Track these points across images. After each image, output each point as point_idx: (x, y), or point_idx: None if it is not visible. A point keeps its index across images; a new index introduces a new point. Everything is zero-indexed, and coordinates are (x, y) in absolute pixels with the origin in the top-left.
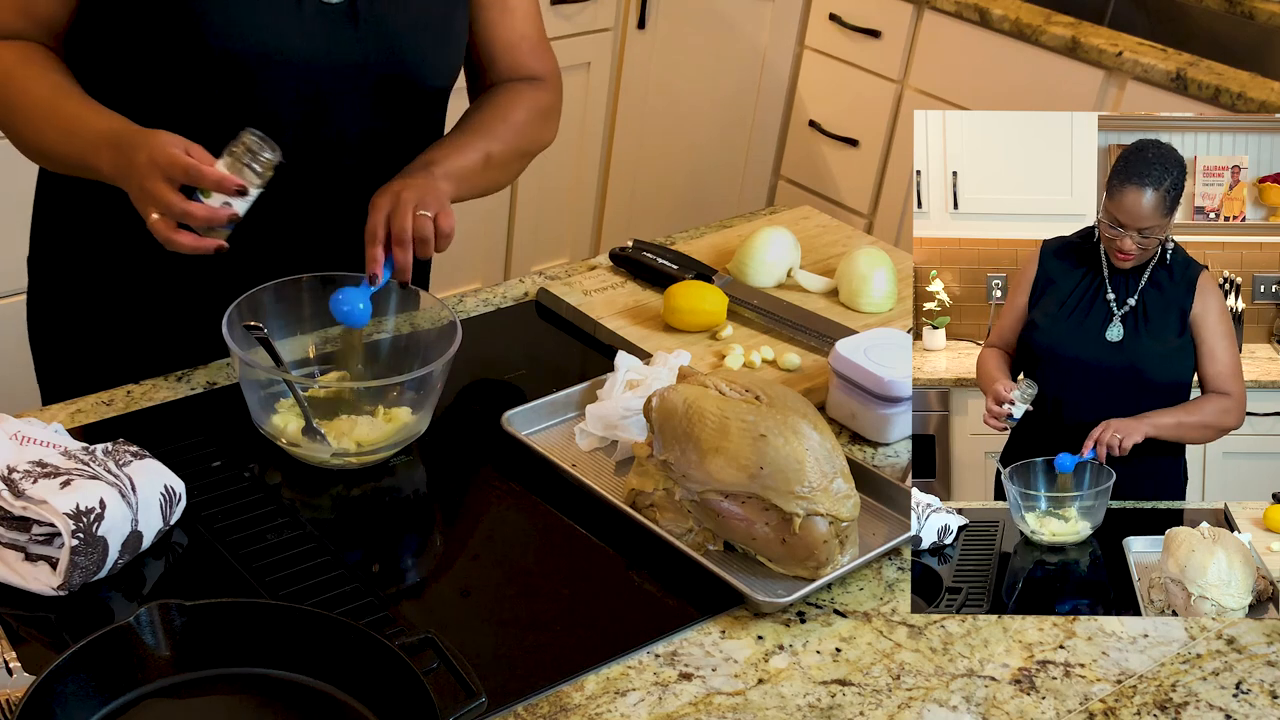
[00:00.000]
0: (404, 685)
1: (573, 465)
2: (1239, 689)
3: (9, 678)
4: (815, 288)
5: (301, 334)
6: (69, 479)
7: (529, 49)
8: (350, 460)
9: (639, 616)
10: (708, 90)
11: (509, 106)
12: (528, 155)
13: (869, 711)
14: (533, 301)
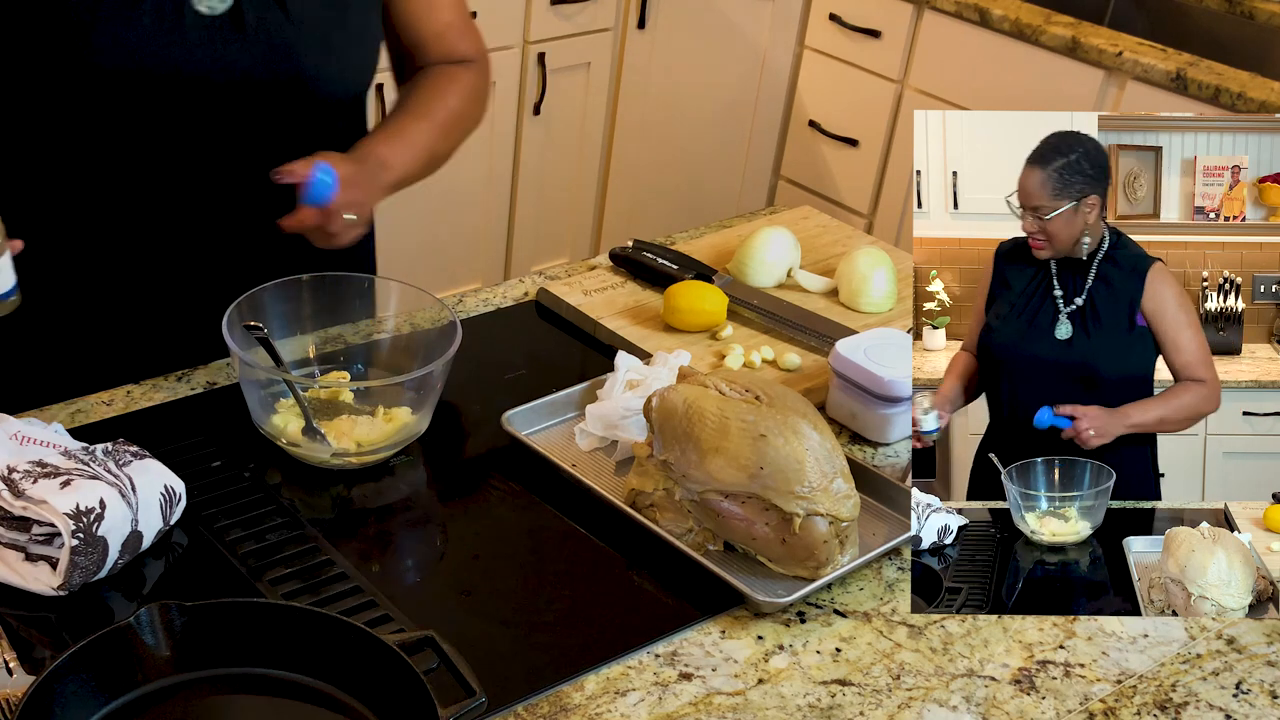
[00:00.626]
0: (404, 685)
1: (573, 465)
2: (1239, 689)
3: (9, 678)
4: (815, 288)
5: (301, 334)
6: (69, 479)
7: (457, 35)
8: (350, 460)
9: (639, 616)
10: (708, 90)
11: (445, 89)
12: (459, 141)
13: (869, 711)
14: (533, 301)
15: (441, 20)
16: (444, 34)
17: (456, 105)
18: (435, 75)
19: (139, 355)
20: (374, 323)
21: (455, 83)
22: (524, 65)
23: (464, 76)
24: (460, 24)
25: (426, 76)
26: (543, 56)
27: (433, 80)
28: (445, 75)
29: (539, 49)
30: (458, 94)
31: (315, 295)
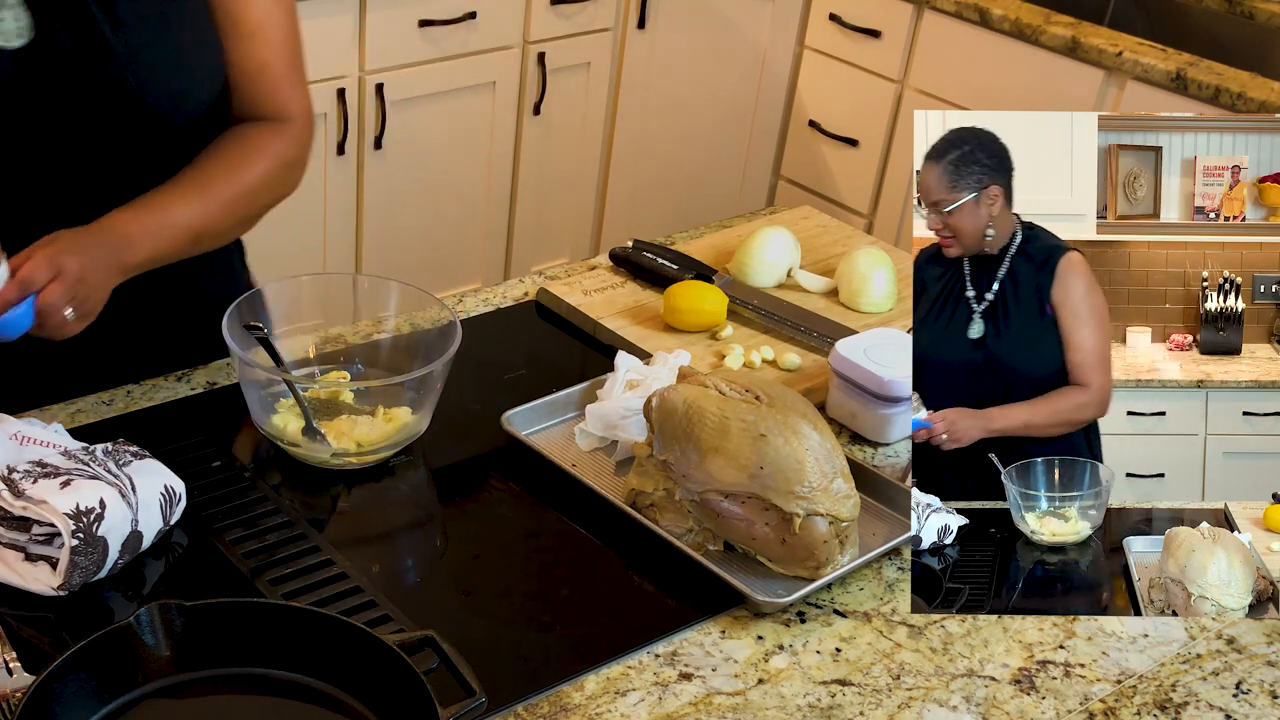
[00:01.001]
0: (404, 685)
1: (573, 465)
2: (1239, 689)
3: (9, 678)
4: (815, 288)
5: (301, 334)
6: (69, 479)
7: (271, 83)
8: (350, 460)
9: (639, 616)
10: (708, 90)
11: (243, 163)
12: (255, 218)
13: (869, 711)
14: (533, 301)
15: (254, 58)
16: (256, 78)
17: (251, 180)
18: (234, 142)
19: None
20: (374, 323)
21: (256, 152)
22: (524, 65)
23: (270, 143)
24: (279, 71)
25: (225, 143)
26: (543, 56)
27: (229, 148)
28: (246, 143)
29: (539, 49)
30: (258, 164)
31: (315, 295)
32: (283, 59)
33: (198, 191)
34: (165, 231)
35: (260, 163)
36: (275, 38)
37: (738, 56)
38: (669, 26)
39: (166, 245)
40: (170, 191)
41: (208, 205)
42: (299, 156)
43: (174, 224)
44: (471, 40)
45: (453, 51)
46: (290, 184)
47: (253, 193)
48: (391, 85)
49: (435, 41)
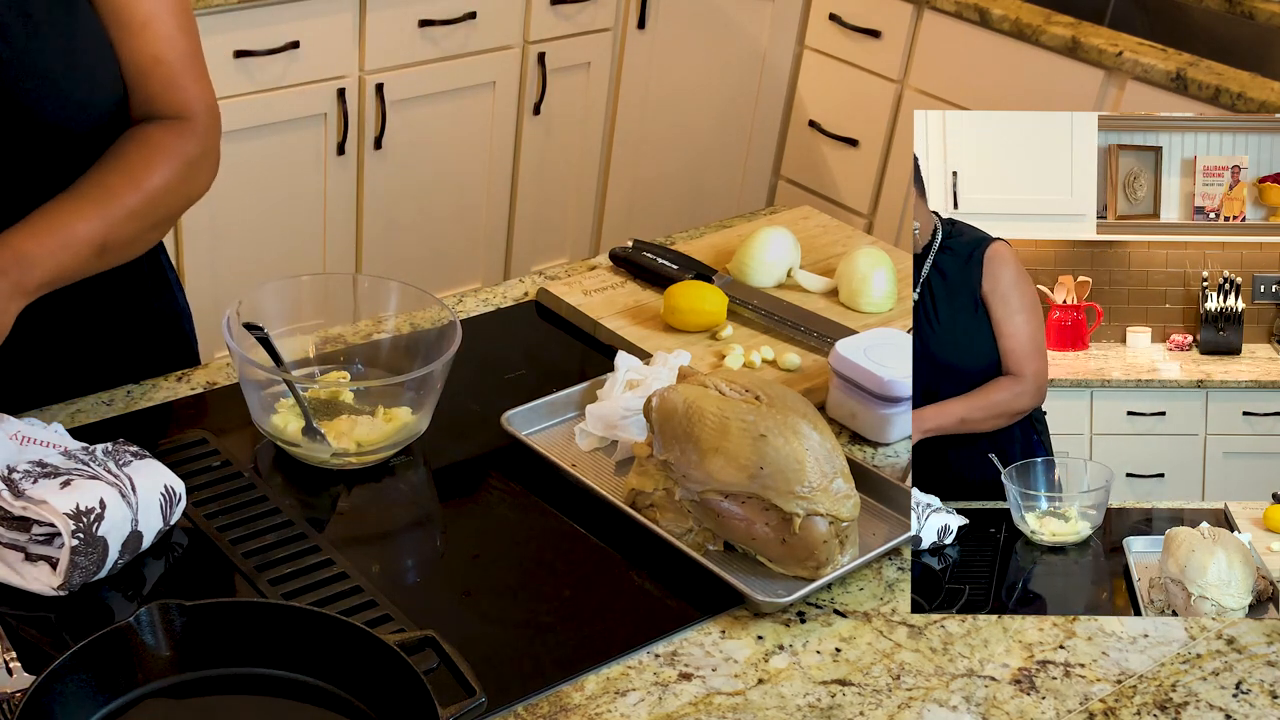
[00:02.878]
0: (404, 685)
1: (573, 465)
2: (1239, 689)
3: (9, 678)
4: (815, 288)
5: (301, 334)
6: (69, 479)
7: (166, 78)
8: (350, 460)
9: (639, 616)
10: (708, 90)
11: (143, 167)
12: (169, 220)
13: (869, 711)
14: (533, 301)
15: (145, 53)
16: (152, 71)
17: (154, 185)
18: (132, 145)
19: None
20: (374, 323)
21: (156, 153)
22: (524, 65)
23: (170, 143)
24: (175, 66)
25: (122, 147)
26: (543, 56)
27: (127, 152)
28: (145, 145)
29: (539, 49)
30: (160, 166)
31: (316, 295)
32: (177, 52)
33: (97, 202)
34: (66, 249)
35: (163, 166)
36: (167, 30)
37: (738, 56)
38: (669, 26)
39: (70, 262)
40: (68, 204)
41: (109, 215)
42: (204, 154)
43: (75, 239)
44: (471, 40)
45: (453, 51)
46: (200, 184)
47: (157, 198)
48: (391, 85)
49: (435, 41)
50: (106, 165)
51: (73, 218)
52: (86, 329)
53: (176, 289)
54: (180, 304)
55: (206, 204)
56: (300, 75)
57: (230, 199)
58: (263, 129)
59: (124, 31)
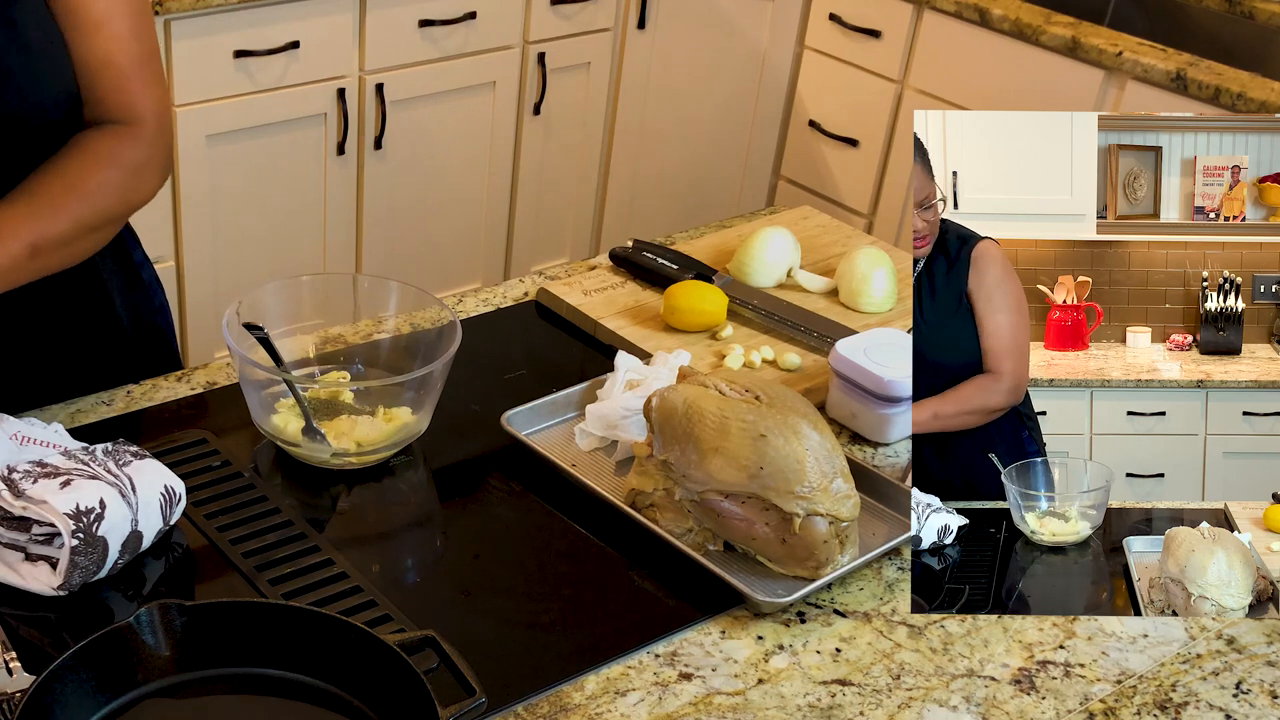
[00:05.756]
0: (404, 684)
1: (573, 465)
2: (1239, 689)
3: (9, 678)
4: (815, 288)
5: (301, 334)
6: (69, 479)
7: (116, 80)
8: (350, 460)
9: (639, 616)
10: (708, 90)
11: (84, 170)
12: (111, 223)
13: (869, 711)
14: (533, 301)
15: (97, 53)
16: (102, 72)
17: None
18: (74, 150)
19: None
20: (374, 323)
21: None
22: (524, 65)
23: (113, 149)
24: (125, 67)
25: (65, 152)
26: (543, 56)
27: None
28: (86, 151)
29: (539, 49)
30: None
31: (316, 295)
32: (129, 54)
33: (29, 205)
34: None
35: (103, 170)
36: (120, 31)
37: (738, 56)
38: (669, 26)
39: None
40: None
41: (42, 219)
42: (151, 160)
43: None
44: (471, 40)
45: (453, 51)
46: (144, 190)
47: (96, 202)
48: (391, 85)
49: (435, 41)
50: (45, 169)
51: (4, 219)
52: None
53: (153, 288)
54: (157, 302)
55: (207, 204)
56: (300, 75)
57: (230, 199)
58: (263, 129)
59: (77, 32)
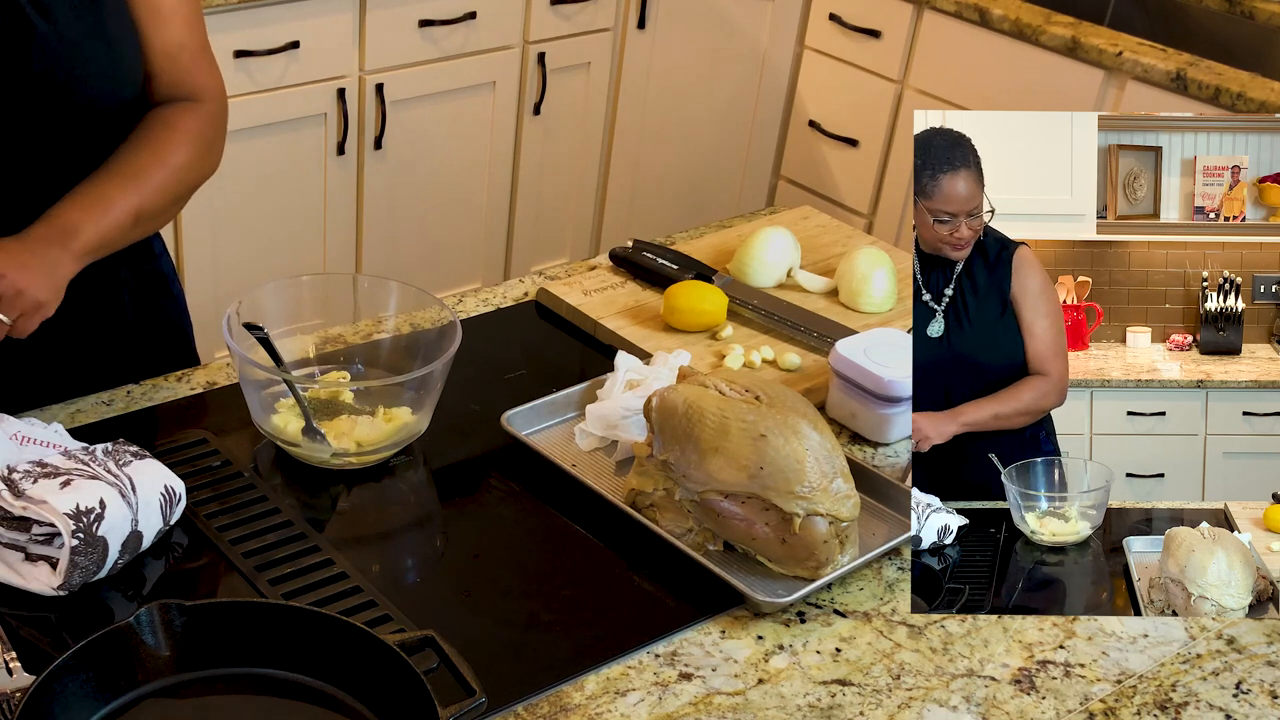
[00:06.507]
0: (404, 685)
1: (573, 465)
2: (1239, 689)
3: (9, 678)
4: (815, 288)
5: (301, 334)
6: (69, 479)
7: (187, 64)
8: (350, 460)
9: (639, 616)
10: (708, 90)
11: (168, 146)
12: (185, 198)
13: (869, 711)
14: (533, 301)
15: (172, 40)
16: (177, 56)
17: (178, 162)
18: (156, 126)
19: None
20: (374, 323)
21: (179, 131)
22: (524, 65)
23: (189, 124)
24: (194, 49)
25: (147, 128)
26: (543, 56)
27: (152, 132)
28: (168, 126)
29: (539, 49)
30: (181, 145)
31: (315, 295)
32: (196, 40)
33: (131, 176)
34: (106, 215)
35: (184, 145)
36: (187, 19)
37: (738, 56)
38: (669, 26)
39: (109, 231)
40: (105, 178)
41: (142, 189)
42: (217, 135)
43: (114, 210)
44: (471, 40)
45: (453, 51)
46: (212, 163)
47: (180, 174)
48: (391, 85)
49: (435, 41)
50: (134, 144)
51: (110, 190)
52: (86, 329)
53: (175, 288)
54: (180, 304)
55: (207, 203)
56: (300, 75)
57: (230, 199)
58: (263, 129)
59: (155, 18)
